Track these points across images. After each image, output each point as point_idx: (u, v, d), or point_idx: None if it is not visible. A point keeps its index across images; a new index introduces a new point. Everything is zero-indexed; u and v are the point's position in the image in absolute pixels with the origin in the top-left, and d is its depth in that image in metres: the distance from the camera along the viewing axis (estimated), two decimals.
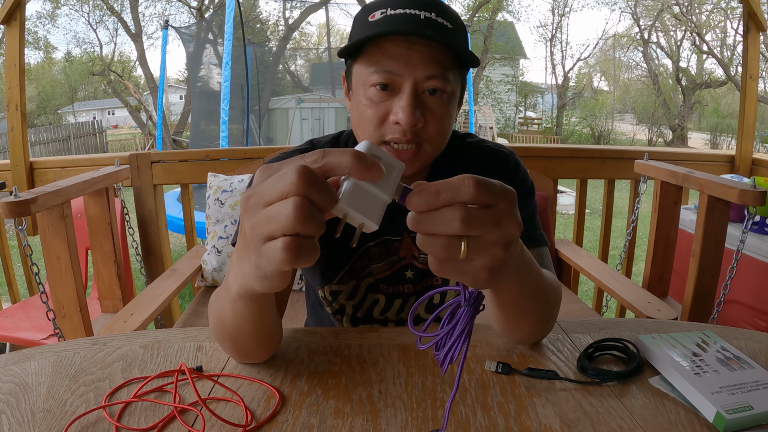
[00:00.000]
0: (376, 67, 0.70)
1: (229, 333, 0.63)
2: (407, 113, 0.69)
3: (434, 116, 0.72)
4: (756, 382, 0.60)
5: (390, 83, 0.71)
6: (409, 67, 0.69)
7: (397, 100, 0.71)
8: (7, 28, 1.97)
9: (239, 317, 0.59)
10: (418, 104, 0.71)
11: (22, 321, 1.84)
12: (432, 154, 0.76)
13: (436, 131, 0.73)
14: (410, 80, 0.70)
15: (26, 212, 1.32)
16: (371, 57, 0.71)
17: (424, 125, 0.72)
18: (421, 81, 0.70)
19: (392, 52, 0.70)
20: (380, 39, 0.70)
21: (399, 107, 0.70)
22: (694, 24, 17.02)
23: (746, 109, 2.23)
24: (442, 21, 0.71)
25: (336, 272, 0.86)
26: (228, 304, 0.57)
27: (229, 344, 0.65)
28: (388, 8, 0.71)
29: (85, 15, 17.85)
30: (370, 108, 0.72)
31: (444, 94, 0.72)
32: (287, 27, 14.94)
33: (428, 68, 0.70)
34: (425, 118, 0.72)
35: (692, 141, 17.97)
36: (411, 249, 0.86)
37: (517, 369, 0.67)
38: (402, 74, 0.70)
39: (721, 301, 1.59)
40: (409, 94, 0.70)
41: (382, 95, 0.72)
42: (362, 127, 0.75)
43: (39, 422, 0.57)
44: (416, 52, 0.69)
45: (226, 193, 1.82)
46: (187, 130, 13.44)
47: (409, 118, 0.69)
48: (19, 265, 2.50)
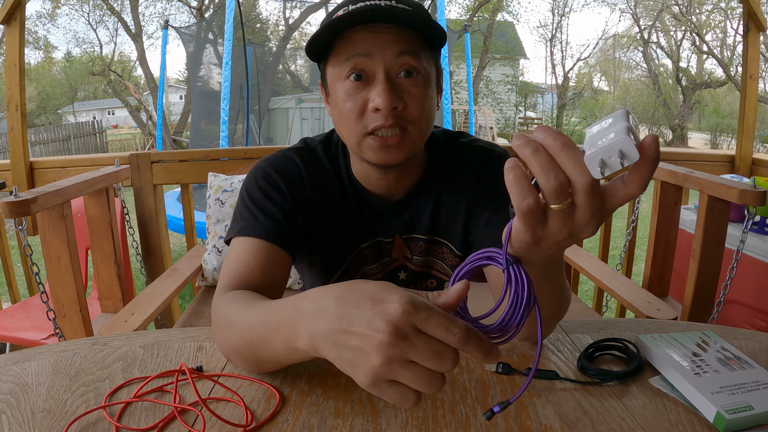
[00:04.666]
0: (346, 55, 0.71)
1: (257, 357, 0.60)
2: (384, 96, 0.69)
3: (412, 97, 0.72)
4: (756, 382, 0.60)
5: (362, 70, 0.71)
6: (377, 48, 0.70)
7: (373, 87, 0.71)
8: (7, 28, 1.97)
9: (278, 356, 0.57)
10: (394, 88, 0.71)
11: (22, 321, 1.84)
12: (419, 138, 0.76)
13: (418, 112, 0.73)
14: (381, 63, 0.71)
15: (26, 212, 1.32)
16: (340, 51, 0.72)
17: (404, 107, 0.72)
18: (392, 62, 0.71)
19: (358, 38, 0.71)
20: (346, 31, 0.71)
21: (376, 93, 0.70)
22: (694, 24, 17.02)
23: (746, 109, 2.23)
24: (403, 7, 0.72)
25: (331, 273, 0.86)
26: (276, 347, 0.55)
27: (251, 361, 0.63)
28: (350, 5, 0.73)
29: (85, 15, 17.86)
30: (347, 101, 0.73)
31: (418, 74, 0.72)
32: (287, 27, 14.93)
33: (396, 46, 0.70)
34: (404, 100, 0.72)
35: (692, 141, 17.97)
36: (403, 250, 0.86)
37: (517, 369, 0.67)
38: (371, 56, 0.70)
39: (721, 301, 1.58)
40: (383, 79, 0.70)
41: (357, 86, 0.72)
42: (344, 123, 0.75)
43: (39, 422, 0.56)
44: (381, 35, 0.70)
45: (227, 193, 1.82)
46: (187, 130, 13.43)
47: (386, 101, 0.69)
48: (19, 265, 2.51)
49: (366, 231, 0.84)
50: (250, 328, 0.59)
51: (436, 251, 0.86)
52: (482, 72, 18.12)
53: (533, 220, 0.43)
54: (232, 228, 0.77)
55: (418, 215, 0.84)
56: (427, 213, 0.84)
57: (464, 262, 0.48)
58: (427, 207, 0.84)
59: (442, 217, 0.84)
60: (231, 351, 0.64)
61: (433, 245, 0.85)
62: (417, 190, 0.84)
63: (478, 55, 17.23)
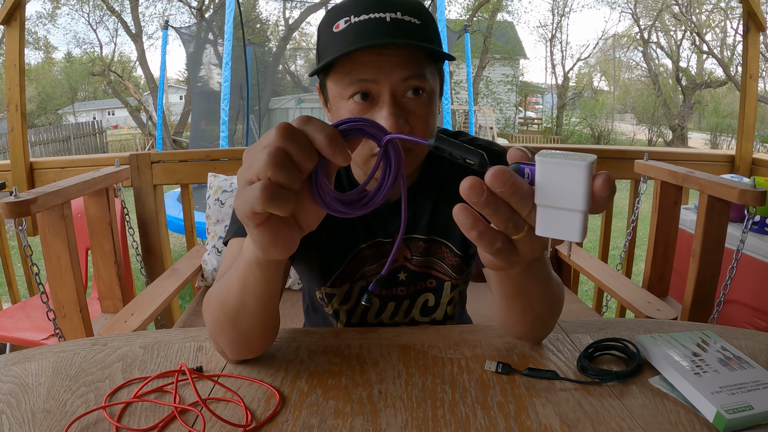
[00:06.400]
0: (350, 78, 0.69)
1: (231, 315, 0.62)
2: (390, 123, 0.67)
3: (418, 118, 0.71)
4: (756, 382, 0.60)
5: (367, 92, 0.69)
6: (383, 72, 0.67)
7: (378, 110, 0.69)
8: (7, 28, 1.97)
9: (247, 292, 0.59)
10: (400, 111, 0.69)
11: (22, 321, 1.84)
12: (421, 154, 0.76)
13: (423, 132, 0.72)
14: (387, 86, 0.68)
15: (26, 212, 1.32)
16: (343, 70, 0.69)
17: (410, 130, 0.70)
18: (399, 84, 0.69)
19: (363, 60, 0.68)
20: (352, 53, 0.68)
21: (382, 118, 0.68)
22: (694, 24, 17.02)
23: (746, 109, 2.23)
24: (409, 19, 0.68)
25: (330, 273, 0.86)
26: (236, 277, 0.59)
27: (230, 331, 0.64)
28: (352, 15, 0.69)
29: (85, 15, 17.85)
30: None
31: (424, 92, 0.71)
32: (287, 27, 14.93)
33: (403, 70, 0.68)
34: (410, 122, 0.70)
35: (692, 141, 17.97)
36: (403, 251, 0.86)
37: (517, 369, 0.67)
38: (378, 81, 0.68)
39: (721, 301, 1.58)
40: (389, 103, 0.68)
41: (362, 107, 0.70)
42: None
43: (39, 422, 0.57)
44: (388, 56, 0.67)
45: (227, 193, 1.82)
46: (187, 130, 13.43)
47: (393, 127, 0.67)
48: (19, 265, 2.51)
49: (365, 231, 0.84)
50: (224, 287, 0.62)
51: (436, 251, 0.86)
52: (482, 72, 18.12)
53: (504, 254, 0.43)
54: (230, 230, 0.77)
55: (418, 215, 0.84)
56: (426, 213, 0.84)
57: (346, 120, 0.46)
58: (427, 207, 0.84)
59: (441, 216, 0.84)
60: (212, 325, 0.66)
61: (433, 245, 0.86)
62: (416, 191, 0.84)
63: (478, 55, 17.23)
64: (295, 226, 0.48)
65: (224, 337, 0.65)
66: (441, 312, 0.89)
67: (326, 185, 0.46)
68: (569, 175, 0.37)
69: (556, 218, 0.39)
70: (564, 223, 0.38)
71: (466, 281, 0.93)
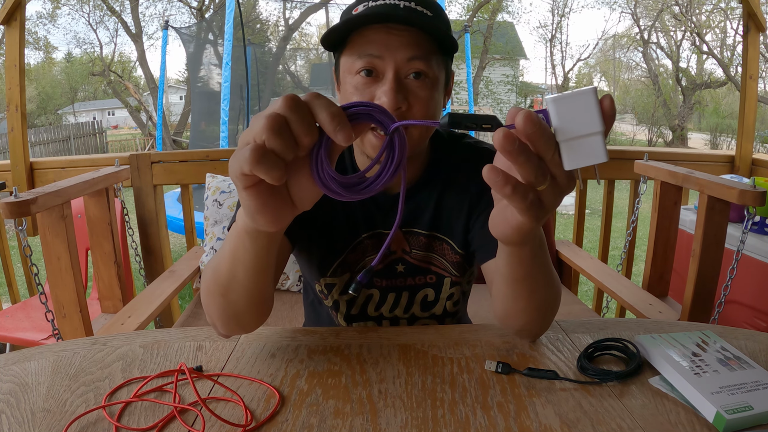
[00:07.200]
0: (359, 53, 0.73)
1: (222, 285, 0.63)
2: (390, 96, 0.71)
3: (417, 99, 0.73)
4: (756, 382, 0.60)
5: (372, 68, 0.73)
6: (389, 50, 0.72)
7: (381, 85, 0.73)
8: (7, 28, 1.97)
9: (237, 262, 0.59)
10: (400, 88, 0.72)
11: (22, 321, 1.85)
12: (419, 138, 0.77)
13: (421, 114, 0.74)
14: (391, 64, 0.72)
15: (26, 213, 1.32)
16: (354, 46, 0.74)
17: (408, 108, 0.73)
18: (403, 64, 0.72)
19: (373, 37, 0.72)
20: (362, 28, 0.73)
21: (382, 92, 0.72)
22: (694, 24, 17.02)
23: (746, 109, 2.23)
24: (421, 9, 0.73)
25: (330, 262, 0.86)
26: (228, 247, 0.60)
27: (220, 301, 0.65)
28: (370, 1, 0.75)
29: (85, 15, 17.84)
30: (355, 95, 0.74)
31: (427, 78, 0.74)
32: (287, 27, 14.92)
33: (408, 50, 0.72)
34: (409, 101, 0.73)
35: (692, 141, 17.96)
36: (402, 243, 0.86)
37: (517, 369, 0.67)
38: (383, 57, 0.72)
39: (721, 302, 1.58)
40: (391, 79, 0.72)
41: (366, 82, 0.73)
42: None
43: (39, 422, 0.57)
44: (396, 36, 0.72)
45: (225, 194, 1.82)
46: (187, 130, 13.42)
47: (391, 101, 0.71)
48: (19, 265, 2.51)
49: (366, 221, 0.85)
50: (218, 256, 0.63)
51: (437, 247, 0.86)
52: (482, 72, 18.11)
53: (534, 208, 0.45)
54: (234, 215, 0.78)
55: (420, 210, 0.85)
56: (429, 209, 0.85)
57: (356, 103, 0.46)
58: (430, 203, 0.85)
59: (444, 214, 0.85)
60: (204, 294, 0.67)
61: (434, 241, 0.86)
62: (419, 186, 0.85)
63: (478, 56, 17.22)
64: (287, 200, 0.49)
65: (215, 307, 0.66)
66: (440, 307, 0.90)
67: (326, 163, 0.46)
68: (581, 103, 0.41)
69: (579, 148, 0.42)
70: (588, 149, 0.42)
71: (470, 281, 0.93)
